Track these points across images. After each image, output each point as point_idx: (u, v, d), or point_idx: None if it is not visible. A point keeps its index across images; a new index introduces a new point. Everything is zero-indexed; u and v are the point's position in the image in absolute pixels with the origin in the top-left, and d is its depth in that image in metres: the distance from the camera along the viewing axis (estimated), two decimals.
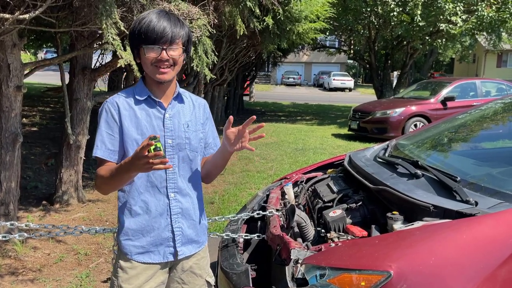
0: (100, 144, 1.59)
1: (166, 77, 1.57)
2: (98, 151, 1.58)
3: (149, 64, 1.55)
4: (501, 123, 3.09)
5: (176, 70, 1.60)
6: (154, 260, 1.63)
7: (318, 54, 35.90)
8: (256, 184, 6.15)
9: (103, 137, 1.59)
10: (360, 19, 15.54)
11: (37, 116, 10.72)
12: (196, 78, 7.52)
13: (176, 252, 1.65)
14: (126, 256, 1.63)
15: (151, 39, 1.51)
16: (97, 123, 1.62)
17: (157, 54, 1.53)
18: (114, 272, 1.66)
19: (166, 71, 1.56)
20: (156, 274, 1.65)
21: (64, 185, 4.74)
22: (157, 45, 1.52)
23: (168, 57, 1.54)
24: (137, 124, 1.59)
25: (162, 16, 1.54)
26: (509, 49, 26.22)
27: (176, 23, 1.56)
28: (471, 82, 11.28)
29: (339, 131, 12.56)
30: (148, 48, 1.53)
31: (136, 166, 1.38)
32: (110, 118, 1.59)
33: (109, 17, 3.19)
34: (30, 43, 11.29)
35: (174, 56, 1.55)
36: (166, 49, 1.53)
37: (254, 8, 5.35)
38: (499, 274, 1.47)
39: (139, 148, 1.35)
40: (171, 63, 1.56)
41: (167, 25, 1.53)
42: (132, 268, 1.62)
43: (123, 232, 1.63)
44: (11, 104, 3.58)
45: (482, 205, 1.75)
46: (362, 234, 1.95)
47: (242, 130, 1.60)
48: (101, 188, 1.59)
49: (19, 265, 3.43)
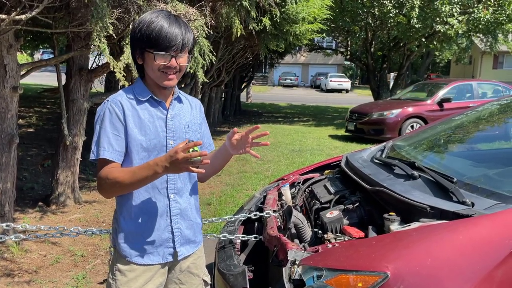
0: (107, 145, 1.53)
1: (172, 83, 1.57)
2: (106, 153, 1.52)
3: (156, 69, 1.53)
4: (497, 124, 3.11)
5: (180, 75, 1.60)
6: (154, 261, 1.62)
7: (315, 55, 35.93)
8: (253, 185, 6.14)
9: (110, 138, 1.53)
10: (357, 21, 15.57)
11: (33, 117, 10.68)
12: (193, 79, 7.52)
13: (175, 253, 1.65)
14: (125, 258, 1.61)
15: (163, 46, 1.49)
16: (99, 123, 1.56)
17: (166, 61, 1.51)
18: (112, 275, 1.64)
19: (172, 77, 1.55)
20: (155, 275, 1.64)
21: (61, 186, 4.73)
22: (168, 52, 1.50)
23: (177, 65, 1.54)
24: (140, 125, 1.57)
25: (173, 22, 1.51)
26: (505, 50, 26.30)
27: (186, 29, 1.54)
28: (468, 84, 11.33)
29: (336, 132, 12.58)
30: (159, 55, 1.50)
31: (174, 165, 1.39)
32: (116, 118, 1.55)
33: (100, 20, 3.18)
34: (26, 44, 11.24)
35: (182, 63, 1.55)
36: (176, 57, 1.52)
37: (250, 9, 5.35)
38: (496, 275, 1.48)
39: (180, 148, 1.37)
40: (178, 69, 1.55)
41: (178, 33, 1.51)
42: (131, 271, 1.61)
43: (122, 234, 1.61)
44: (7, 105, 3.56)
45: (479, 206, 1.75)
46: (359, 235, 1.95)
47: (245, 136, 1.63)
48: (109, 190, 1.52)
49: (15, 267, 3.41)
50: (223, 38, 7.49)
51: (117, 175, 1.49)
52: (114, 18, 3.41)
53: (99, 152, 1.53)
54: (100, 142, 1.54)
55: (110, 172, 1.50)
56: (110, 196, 1.56)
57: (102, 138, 1.54)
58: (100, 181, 1.53)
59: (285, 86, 39.37)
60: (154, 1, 3.72)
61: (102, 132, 1.54)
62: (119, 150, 1.54)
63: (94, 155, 1.55)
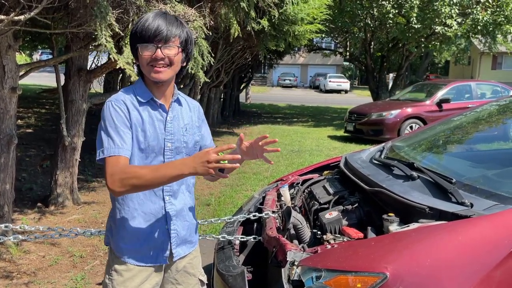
0: (121, 143, 1.49)
1: (162, 76, 1.54)
2: (122, 151, 1.48)
3: (145, 63, 1.53)
4: (496, 125, 3.11)
5: (173, 69, 1.56)
6: (149, 262, 1.62)
7: (314, 56, 35.96)
8: (252, 186, 6.14)
9: (121, 136, 1.50)
10: (356, 21, 15.59)
11: (32, 117, 10.67)
12: (192, 79, 7.52)
13: (171, 254, 1.65)
14: (121, 259, 1.61)
15: (146, 37, 1.50)
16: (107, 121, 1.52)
17: (151, 53, 1.51)
18: (108, 274, 1.64)
19: (161, 70, 1.53)
20: (151, 275, 1.64)
21: (59, 187, 4.72)
22: (152, 43, 1.50)
23: (163, 56, 1.51)
24: (141, 126, 1.56)
25: (158, 15, 1.53)
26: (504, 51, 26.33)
27: (172, 22, 1.54)
28: (466, 84, 11.35)
29: (335, 133, 12.58)
30: (143, 46, 1.51)
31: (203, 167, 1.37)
32: (123, 116, 1.52)
33: (103, 19, 3.18)
34: (25, 45, 11.24)
35: (169, 55, 1.52)
36: (161, 48, 1.51)
37: (249, 10, 5.35)
38: (495, 275, 1.48)
39: (212, 150, 1.38)
40: (167, 62, 1.53)
41: (162, 23, 1.51)
42: (127, 271, 1.61)
43: (118, 235, 1.61)
44: (6, 106, 3.56)
45: (478, 207, 1.75)
46: (358, 236, 1.95)
47: (255, 143, 1.64)
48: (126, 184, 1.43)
49: (14, 268, 3.41)
50: (222, 39, 7.49)
51: (136, 169, 1.45)
52: (113, 18, 3.40)
53: (110, 150, 1.48)
54: (113, 140, 1.49)
55: (127, 166, 1.47)
56: (124, 192, 1.48)
57: (113, 136, 1.50)
58: (114, 176, 1.44)
59: (284, 87, 39.37)
60: (153, 1, 3.72)
61: (112, 130, 1.50)
62: (129, 145, 1.51)
63: (104, 154, 1.49)
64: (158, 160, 1.59)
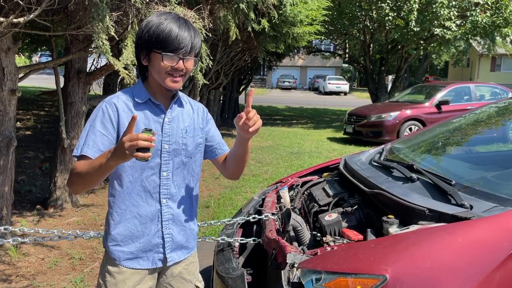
0: (92, 143, 1.51)
1: (178, 86, 1.56)
2: (89, 151, 1.50)
3: (163, 71, 1.52)
4: (496, 127, 3.11)
5: (185, 79, 1.59)
6: (143, 266, 1.62)
7: (313, 58, 35.96)
8: (251, 188, 6.14)
9: (96, 136, 1.52)
10: (355, 23, 15.61)
11: (31, 119, 10.67)
12: (191, 81, 7.52)
13: (165, 258, 1.64)
14: (114, 261, 1.61)
15: (172, 47, 1.49)
16: (90, 121, 1.55)
17: (174, 63, 1.51)
18: (102, 276, 1.64)
19: (178, 79, 1.54)
20: (144, 279, 1.63)
21: (59, 190, 4.72)
22: (176, 54, 1.50)
23: (184, 67, 1.53)
24: (135, 127, 1.56)
25: (182, 25, 1.53)
26: (503, 53, 26.38)
27: (195, 33, 1.55)
28: (466, 86, 11.36)
29: (334, 134, 12.59)
30: (167, 56, 1.50)
31: (119, 150, 1.32)
32: (107, 118, 1.54)
33: (101, 21, 3.18)
34: (24, 47, 11.23)
35: (189, 67, 1.55)
36: (183, 59, 1.52)
37: (248, 11, 5.36)
38: (494, 277, 1.48)
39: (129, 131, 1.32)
40: (184, 72, 1.55)
41: (188, 36, 1.51)
42: (119, 273, 1.60)
43: (112, 237, 1.61)
44: (5, 108, 3.56)
45: (477, 209, 1.75)
46: (358, 238, 1.95)
47: (247, 110, 1.52)
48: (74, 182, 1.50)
49: (13, 271, 3.40)
50: (221, 41, 7.49)
51: (78, 165, 1.49)
52: (113, 20, 3.41)
53: (83, 149, 1.51)
54: (86, 140, 1.52)
55: (76, 165, 1.50)
56: (76, 190, 1.54)
57: (89, 135, 1.52)
58: (70, 174, 1.52)
59: (283, 89, 39.39)
60: (152, 4, 3.73)
61: (91, 130, 1.53)
62: (103, 149, 1.51)
63: (78, 151, 1.52)
64: (155, 162, 1.58)
